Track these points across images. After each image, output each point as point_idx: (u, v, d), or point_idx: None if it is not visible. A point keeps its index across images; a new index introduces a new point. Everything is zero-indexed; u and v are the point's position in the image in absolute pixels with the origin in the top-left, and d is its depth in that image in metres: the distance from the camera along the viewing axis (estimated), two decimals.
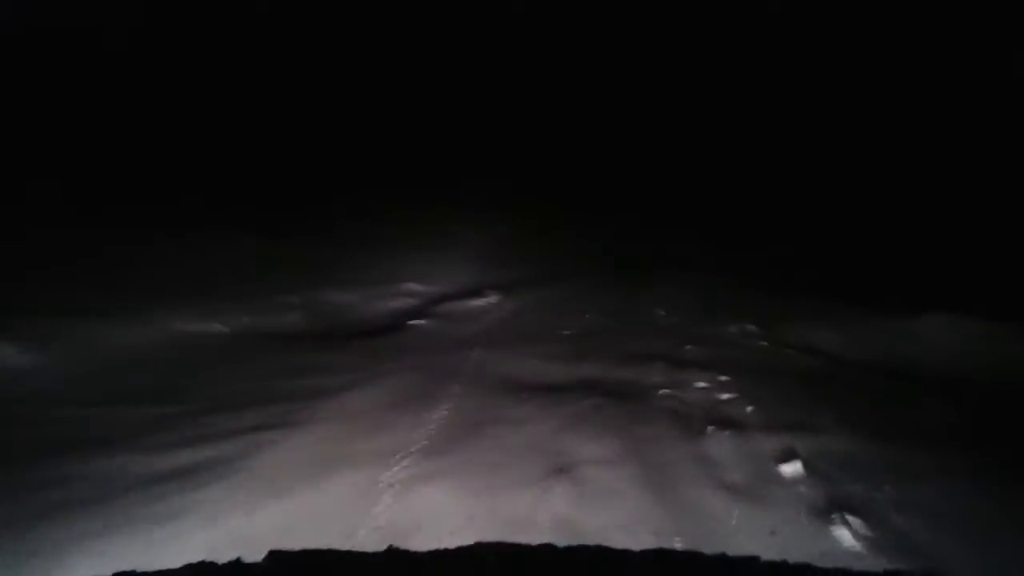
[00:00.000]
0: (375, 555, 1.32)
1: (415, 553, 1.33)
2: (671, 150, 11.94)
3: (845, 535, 2.07)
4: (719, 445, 2.72)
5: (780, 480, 2.46)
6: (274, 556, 1.31)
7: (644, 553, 1.35)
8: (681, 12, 11.42)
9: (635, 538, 2.00)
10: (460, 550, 1.36)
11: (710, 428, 2.87)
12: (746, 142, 11.27)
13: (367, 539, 1.99)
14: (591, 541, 1.53)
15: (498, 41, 12.46)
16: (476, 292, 5.38)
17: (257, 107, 10.68)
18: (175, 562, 1.23)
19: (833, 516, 2.17)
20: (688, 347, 4.09)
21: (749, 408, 3.10)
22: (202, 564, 1.28)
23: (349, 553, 1.35)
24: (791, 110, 10.70)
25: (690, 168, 11.53)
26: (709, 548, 1.39)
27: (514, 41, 12.49)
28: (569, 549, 1.39)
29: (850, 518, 2.15)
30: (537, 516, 2.13)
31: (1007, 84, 7.95)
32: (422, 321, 4.61)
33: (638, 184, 11.35)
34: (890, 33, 9.61)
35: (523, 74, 12.67)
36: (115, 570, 1.21)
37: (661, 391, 3.31)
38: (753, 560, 1.38)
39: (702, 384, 3.40)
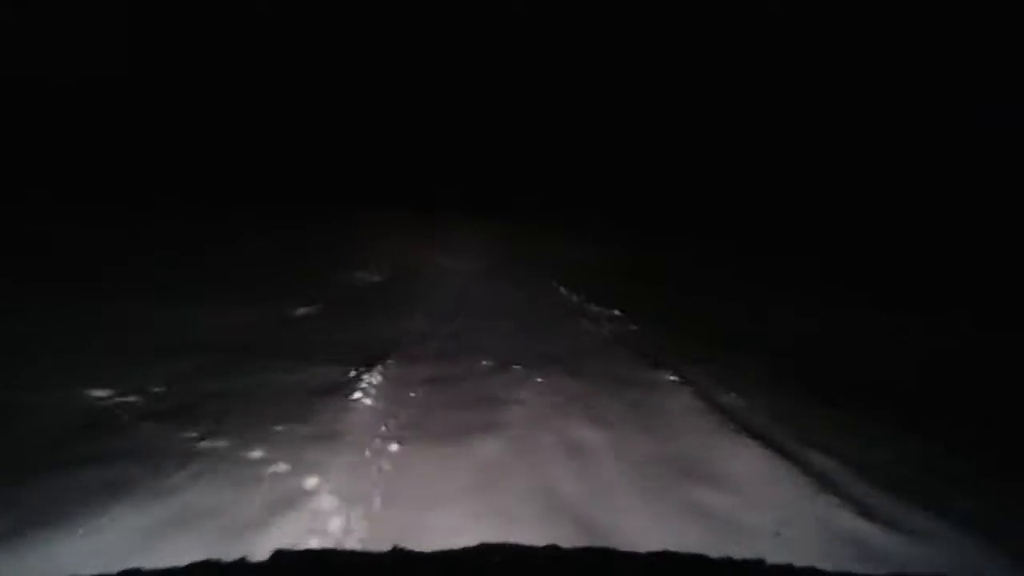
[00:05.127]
0: (380, 555, 1.31)
1: (419, 553, 1.31)
2: (669, 151, 11.89)
3: None
4: None
5: None
6: (278, 555, 1.30)
7: (651, 555, 1.35)
8: (681, 12, 11.37)
9: None
10: (464, 550, 1.35)
11: None
12: (744, 142, 11.24)
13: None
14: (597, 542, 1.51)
15: (498, 41, 12.39)
16: None
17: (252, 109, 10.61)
18: None
19: None
20: None
21: None
22: (204, 563, 1.26)
23: (353, 553, 1.34)
24: (790, 110, 10.67)
25: (687, 170, 11.48)
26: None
27: (514, 41, 12.42)
28: (575, 550, 1.38)
29: None
30: None
31: (1007, 87, 7.95)
32: None
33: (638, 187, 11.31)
34: (890, 33, 9.60)
35: (522, 74, 12.62)
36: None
37: None
38: (759, 563, 1.38)
39: None
